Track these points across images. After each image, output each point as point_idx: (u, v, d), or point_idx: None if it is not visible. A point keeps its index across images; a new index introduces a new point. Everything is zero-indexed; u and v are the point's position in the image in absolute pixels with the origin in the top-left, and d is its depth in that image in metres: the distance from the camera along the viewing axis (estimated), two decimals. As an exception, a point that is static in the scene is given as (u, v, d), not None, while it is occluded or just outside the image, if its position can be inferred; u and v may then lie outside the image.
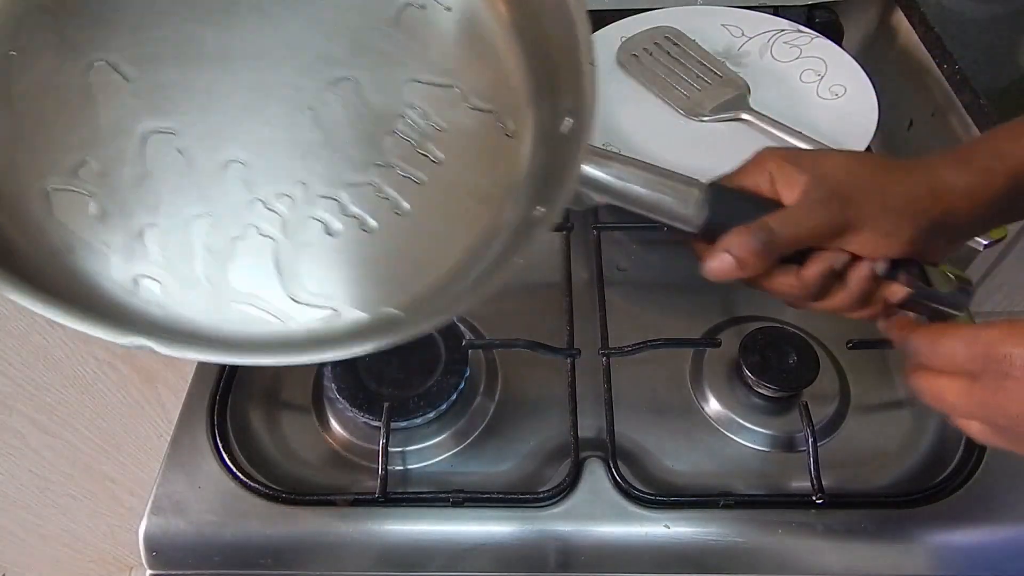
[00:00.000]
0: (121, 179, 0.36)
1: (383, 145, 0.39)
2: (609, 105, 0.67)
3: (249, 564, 0.46)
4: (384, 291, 0.36)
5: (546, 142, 0.39)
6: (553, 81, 0.40)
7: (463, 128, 0.40)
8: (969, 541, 0.45)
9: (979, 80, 0.62)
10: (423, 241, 0.38)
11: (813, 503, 0.45)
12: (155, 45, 0.38)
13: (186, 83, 0.38)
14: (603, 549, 0.46)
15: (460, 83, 0.41)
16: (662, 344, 0.51)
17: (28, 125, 0.35)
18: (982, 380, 0.30)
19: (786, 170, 0.35)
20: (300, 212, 0.37)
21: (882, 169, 0.35)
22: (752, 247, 0.33)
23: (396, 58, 0.41)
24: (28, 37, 0.36)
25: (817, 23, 0.74)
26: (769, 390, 0.49)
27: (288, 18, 0.41)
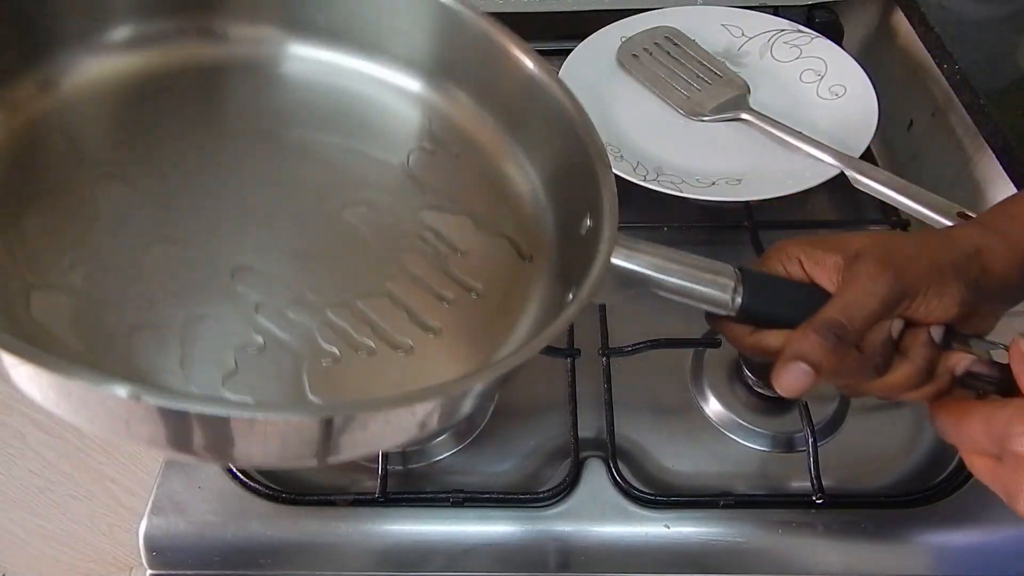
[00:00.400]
0: (112, 281, 0.34)
1: (400, 261, 0.38)
2: (609, 105, 0.67)
3: (249, 564, 0.46)
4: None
5: (568, 245, 0.39)
6: (568, 190, 0.40)
7: (479, 250, 0.40)
8: (969, 541, 0.45)
9: (979, 80, 0.62)
10: (442, 354, 0.37)
11: (813, 503, 0.45)
12: (166, 163, 0.38)
13: (195, 199, 0.38)
14: (603, 549, 0.46)
15: (472, 210, 0.41)
16: (662, 344, 0.51)
17: (21, 232, 0.34)
18: (1004, 461, 0.30)
19: (815, 255, 0.34)
20: (310, 323, 0.35)
21: (913, 238, 0.34)
22: (828, 346, 0.31)
23: (408, 190, 0.41)
24: (43, 151, 0.36)
25: (817, 23, 0.74)
26: (769, 390, 0.49)
27: (299, 152, 0.41)
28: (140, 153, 0.38)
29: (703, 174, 0.60)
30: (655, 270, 0.35)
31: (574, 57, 0.69)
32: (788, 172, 0.59)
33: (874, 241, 0.33)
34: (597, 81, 0.68)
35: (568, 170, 0.40)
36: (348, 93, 0.44)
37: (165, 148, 0.39)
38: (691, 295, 0.35)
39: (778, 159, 0.61)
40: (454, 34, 0.41)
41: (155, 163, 0.38)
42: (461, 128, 0.43)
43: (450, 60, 0.43)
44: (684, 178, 0.59)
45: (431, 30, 0.42)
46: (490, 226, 0.41)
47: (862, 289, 0.32)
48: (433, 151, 0.43)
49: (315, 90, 0.43)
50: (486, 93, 0.43)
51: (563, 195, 0.40)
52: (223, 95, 0.42)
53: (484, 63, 0.41)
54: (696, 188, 0.58)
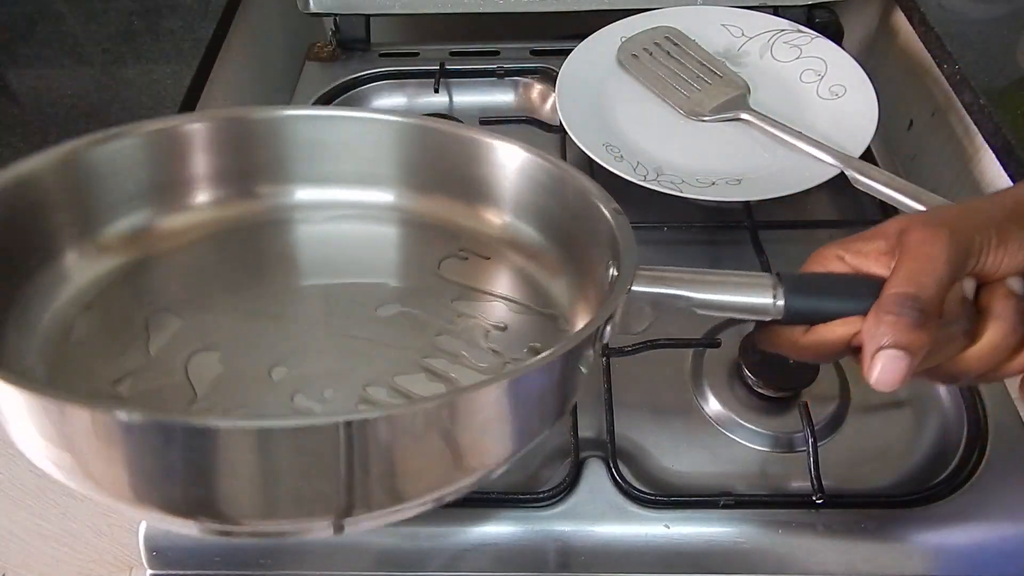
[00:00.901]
0: (155, 386, 0.37)
1: (437, 343, 0.41)
2: (609, 105, 0.67)
3: (249, 564, 0.46)
4: None
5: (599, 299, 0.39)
6: (589, 253, 0.41)
7: (515, 327, 0.42)
8: (969, 541, 0.45)
9: (979, 80, 0.62)
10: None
11: (813, 503, 0.45)
12: (214, 297, 0.43)
13: (236, 317, 0.41)
14: (603, 549, 0.46)
15: (506, 297, 0.44)
16: (662, 344, 0.51)
17: (77, 351, 0.38)
18: None
19: (855, 246, 0.32)
20: (345, 401, 0.37)
21: (957, 205, 0.32)
22: (910, 322, 0.28)
23: (441, 287, 0.44)
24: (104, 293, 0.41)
25: (817, 23, 0.74)
26: (769, 390, 0.49)
27: (331, 272, 0.45)
28: (189, 288, 0.43)
29: (703, 174, 0.60)
30: (688, 290, 0.35)
31: (574, 57, 0.69)
32: (788, 172, 0.59)
33: (913, 216, 0.31)
34: (597, 81, 0.68)
35: (586, 238, 0.41)
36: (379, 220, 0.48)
37: (213, 287, 0.43)
38: (730, 308, 0.34)
39: (778, 159, 0.61)
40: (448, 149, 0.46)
41: (200, 301, 0.42)
42: (487, 234, 0.46)
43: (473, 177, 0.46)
44: (684, 178, 0.59)
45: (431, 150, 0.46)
46: (525, 308, 0.43)
47: (922, 254, 0.29)
48: (465, 257, 0.46)
49: (345, 223, 0.48)
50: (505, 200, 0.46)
51: (589, 261, 0.42)
52: (262, 241, 0.47)
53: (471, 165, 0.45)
54: (696, 188, 0.58)
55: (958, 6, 0.70)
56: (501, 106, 0.76)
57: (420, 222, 0.48)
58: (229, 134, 0.46)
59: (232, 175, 0.47)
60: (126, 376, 0.37)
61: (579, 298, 0.42)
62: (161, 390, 0.37)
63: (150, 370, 0.38)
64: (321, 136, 0.47)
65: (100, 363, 0.38)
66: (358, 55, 0.79)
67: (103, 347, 0.39)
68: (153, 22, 0.73)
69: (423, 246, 0.47)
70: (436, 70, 0.75)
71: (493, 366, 0.40)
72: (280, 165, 0.48)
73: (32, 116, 0.64)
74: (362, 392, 0.37)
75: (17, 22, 0.74)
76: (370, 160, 0.47)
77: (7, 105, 0.65)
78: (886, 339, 0.28)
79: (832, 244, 0.33)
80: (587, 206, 0.40)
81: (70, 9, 0.75)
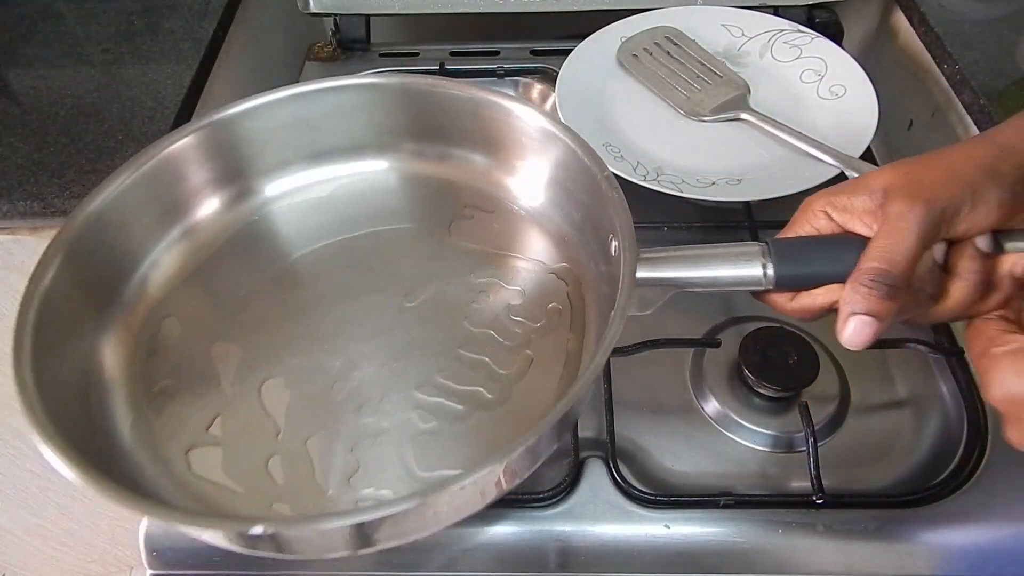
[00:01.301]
0: (244, 424, 0.41)
1: (464, 327, 0.44)
2: (609, 105, 0.67)
3: (249, 564, 0.46)
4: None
5: (606, 267, 0.42)
6: (589, 218, 0.44)
7: (532, 290, 0.46)
8: (969, 541, 0.45)
9: (979, 80, 0.62)
10: (526, 394, 0.42)
11: (813, 503, 0.45)
12: (255, 314, 0.46)
13: (287, 337, 0.45)
14: (603, 549, 0.46)
15: (517, 253, 0.47)
16: (662, 344, 0.51)
17: (165, 403, 0.42)
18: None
19: (840, 201, 0.34)
20: (403, 409, 0.41)
21: (932, 156, 0.33)
22: (881, 294, 0.31)
23: (455, 261, 0.47)
24: (160, 340, 0.44)
25: (817, 23, 0.74)
26: (769, 390, 0.49)
27: (357, 261, 0.48)
28: (234, 313, 0.46)
29: (703, 174, 0.60)
30: (684, 270, 0.37)
31: (574, 57, 0.69)
32: (788, 172, 0.59)
33: (898, 173, 0.32)
34: (597, 81, 0.68)
35: (584, 200, 0.44)
36: (382, 191, 0.50)
37: (250, 301, 0.46)
38: (724, 283, 0.36)
39: (778, 159, 0.61)
40: (459, 109, 0.47)
41: (247, 318, 0.46)
42: (486, 189, 0.49)
43: (461, 131, 0.48)
44: (684, 178, 0.59)
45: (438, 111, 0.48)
46: (535, 266, 0.47)
47: (897, 229, 0.31)
48: (471, 216, 0.49)
49: (350, 199, 0.50)
50: (498, 152, 0.48)
51: (587, 225, 0.45)
52: (276, 237, 0.49)
53: (493, 127, 0.47)
54: (696, 188, 0.58)
55: (958, 6, 0.70)
56: (501, 106, 0.76)
57: (420, 184, 0.50)
58: (213, 139, 0.47)
59: (228, 178, 0.48)
60: (214, 419, 0.41)
61: (583, 260, 0.46)
62: (248, 427, 0.41)
63: (230, 407, 0.42)
64: (304, 114, 0.48)
65: (187, 410, 0.41)
66: (358, 55, 0.79)
67: (182, 391, 0.42)
68: (153, 22, 0.73)
69: (431, 211, 0.49)
70: (436, 70, 0.75)
71: (521, 339, 0.44)
72: (271, 153, 0.49)
73: (32, 116, 0.64)
74: (415, 397, 0.42)
75: (17, 22, 0.74)
76: (353, 128, 0.49)
77: (7, 105, 0.65)
78: (859, 307, 0.31)
79: (819, 195, 0.35)
80: (592, 182, 0.42)
81: (70, 9, 0.75)
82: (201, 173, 0.47)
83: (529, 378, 0.42)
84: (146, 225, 0.46)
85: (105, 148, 0.61)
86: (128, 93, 0.66)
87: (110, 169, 0.58)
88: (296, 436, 0.41)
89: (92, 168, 0.59)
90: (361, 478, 0.39)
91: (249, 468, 0.39)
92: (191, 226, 0.48)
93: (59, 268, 0.39)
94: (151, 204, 0.46)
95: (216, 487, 0.39)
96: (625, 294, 0.35)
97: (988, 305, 0.33)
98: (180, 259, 0.47)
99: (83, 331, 0.42)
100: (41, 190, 0.58)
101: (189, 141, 0.46)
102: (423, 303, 0.46)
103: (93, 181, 0.58)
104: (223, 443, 0.40)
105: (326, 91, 0.48)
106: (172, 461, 0.39)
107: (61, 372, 0.38)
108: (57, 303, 0.39)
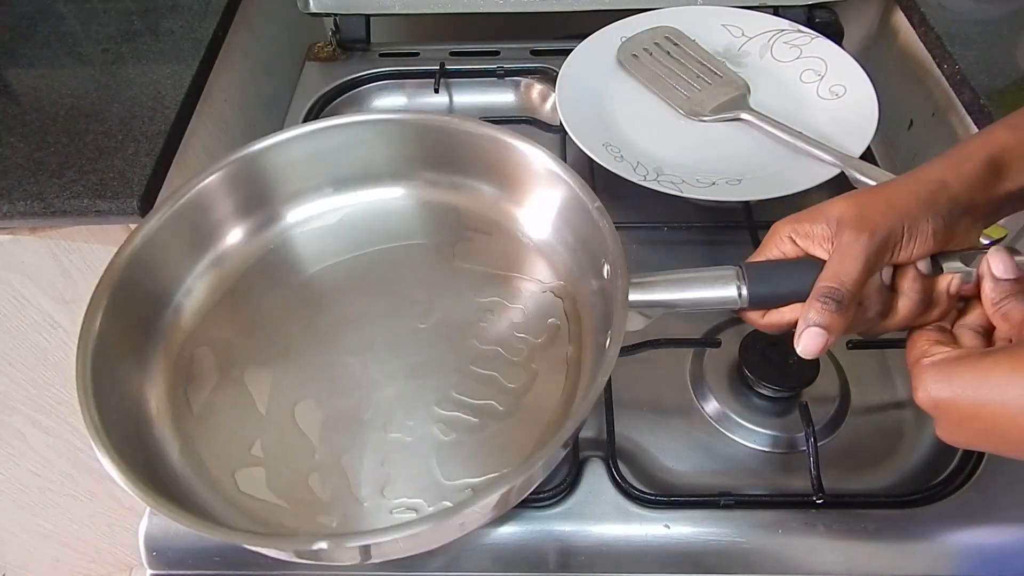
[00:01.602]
0: (282, 445, 0.45)
1: (473, 345, 0.48)
2: (609, 105, 0.67)
3: (249, 564, 0.46)
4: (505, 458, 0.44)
5: (599, 286, 0.46)
6: (585, 246, 0.48)
7: (533, 308, 0.50)
8: (969, 541, 0.45)
9: (979, 80, 0.62)
10: (534, 403, 0.46)
11: (813, 503, 0.45)
12: (280, 339, 0.49)
13: (312, 360, 0.48)
14: (603, 549, 0.46)
15: (517, 272, 0.51)
16: (662, 344, 0.51)
17: (207, 428, 0.45)
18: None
19: (802, 228, 0.38)
20: (425, 424, 0.45)
21: (881, 190, 0.38)
22: (832, 309, 0.36)
23: (462, 282, 0.51)
24: (195, 368, 0.47)
25: (817, 23, 0.74)
26: (769, 390, 0.49)
27: (371, 283, 0.51)
28: (262, 339, 0.49)
29: (703, 174, 0.60)
30: (670, 293, 0.41)
31: (574, 57, 0.69)
32: (788, 172, 0.59)
33: (850, 204, 0.37)
34: (597, 81, 0.68)
35: (579, 226, 0.48)
36: (396, 215, 0.54)
37: (276, 328, 0.49)
38: (705, 304, 0.40)
39: (778, 159, 0.61)
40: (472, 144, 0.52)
41: (274, 343, 0.49)
42: (490, 216, 0.53)
43: (472, 164, 0.53)
44: (684, 178, 0.59)
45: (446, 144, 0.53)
46: (534, 285, 0.51)
47: (846, 255, 0.36)
48: (471, 238, 0.53)
49: (366, 223, 0.54)
50: (501, 181, 0.53)
51: (580, 247, 0.49)
52: (297, 261, 0.53)
53: (500, 161, 0.51)
54: (696, 188, 0.58)
55: (958, 6, 0.70)
56: (501, 106, 0.76)
57: (431, 209, 0.54)
58: (240, 173, 0.50)
59: (253, 207, 0.52)
60: (255, 440, 0.44)
61: (578, 279, 0.49)
62: (286, 447, 0.44)
63: (268, 429, 0.45)
64: (325, 147, 0.52)
65: (228, 434, 0.45)
66: (358, 55, 0.79)
67: (222, 416, 0.45)
68: (153, 22, 0.73)
69: (436, 234, 0.53)
70: (436, 70, 0.75)
71: (526, 354, 0.48)
72: (293, 183, 0.53)
73: (32, 116, 0.64)
74: (435, 412, 0.46)
75: (17, 22, 0.74)
76: (372, 159, 0.53)
77: (7, 105, 0.65)
78: (812, 320, 0.36)
79: (785, 222, 0.40)
80: (584, 211, 0.46)
81: (70, 9, 0.75)
82: (228, 204, 0.51)
83: (536, 389, 0.46)
84: (179, 258, 0.49)
85: (105, 148, 0.61)
86: (128, 93, 0.66)
87: (110, 169, 0.59)
88: (331, 453, 0.44)
89: (92, 168, 0.59)
90: (392, 489, 0.43)
91: (291, 485, 0.43)
92: (219, 254, 0.51)
93: (105, 312, 0.42)
94: (183, 237, 0.49)
95: (263, 504, 0.42)
96: (620, 317, 0.39)
97: (929, 318, 0.38)
98: (210, 287, 0.50)
99: (129, 367, 0.45)
100: (41, 190, 0.58)
101: (217, 177, 0.49)
102: (435, 324, 0.49)
103: (93, 181, 0.58)
104: (265, 463, 0.44)
105: (348, 126, 0.52)
106: (221, 482, 0.43)
107: (116, 410, 0.41)
108: (106, 345, 0.42)
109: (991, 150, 0.38)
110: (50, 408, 0.77)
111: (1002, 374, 0.31)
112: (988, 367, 0.31)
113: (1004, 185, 0.38)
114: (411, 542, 0.38)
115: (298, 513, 0.42)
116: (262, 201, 0.52)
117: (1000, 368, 0.31)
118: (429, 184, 0.54)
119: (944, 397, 0.33)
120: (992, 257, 0.36)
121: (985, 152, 0.38)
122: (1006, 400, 0.30)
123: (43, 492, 0.90)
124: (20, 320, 0.67)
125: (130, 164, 0.59)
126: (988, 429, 0.31)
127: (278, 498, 0.42)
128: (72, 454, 0.84)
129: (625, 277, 0.41)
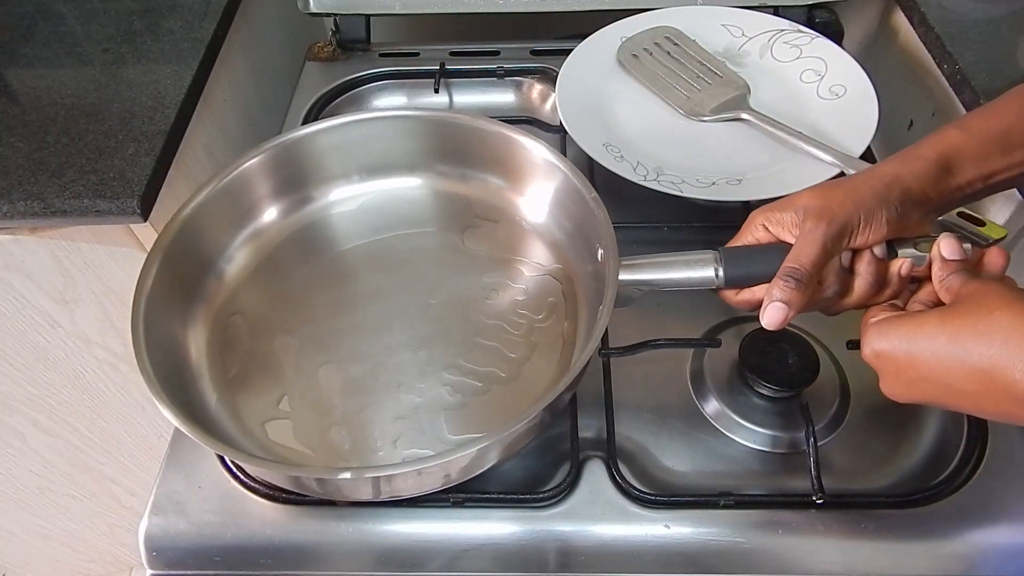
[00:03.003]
0: (307, 401, 0.49)
1: (479, 320, 0.53)
2: (609, 105, 0.67)
3: (249, 564, 0.46)
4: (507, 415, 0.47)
5: (594, 269, 0.49)
6: (581, 232, 0.52)
7: (534, 288, 0.54)
8: (969, 541, 0.45)
9: (979, 80, 0.62)
10: (533, 372, 0.50)
11: (813, 503, 0.45)
12: (307, 310, 0.54)
13: (335, 329, 0.53)
14: (603, 549, 0.46)
15: (521, 257, 0.56)
16: (662, 344, 0.51)
17: (240, 386, 0.50)
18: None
19: (773, 217, 0.43)
20: (434, 386, 0.50)
21: (842, 183, 0.42)
22: (792, 287, 0.40)
23: (469, 264, 0.56)
24: (230, 334, 0.52)
25: (817, 23, 0.74)
26: (769, 390, 0.49)
27: (388, 263, 0.57)
28: (290, 309, 0.54)
29: (703, 174, 0.60)
30: (655, 274, 0.44)
31: (574, 57, 0.69)
32: (788, 172, 0.59)
33: (814, 195, 0.42)
34: (597, 81, 0.68)
35: (576, 214, 0.52)
36: (413, 202, 0.60)
37: (303, 299, 0.55)
38: (686, 283, 0.44)
39: (778, 159, 0.61)
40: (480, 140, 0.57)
41: (301, 313, 0.54)
42: (494, 203, 0.58)
43: (480, 157, 0.58)
44: (684, 178, 0.59)
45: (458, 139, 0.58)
46: (535, 268, 0.55)
47: (807, 241, 0.40)
48: (479, 225, 0.58)
49: (386, 208, 0.59)
50: (507, 173, 0.58)
51: (577, 233, 0.53)
52: (322, 241, 0.58)
53: (506, 155, 0.56)
54: (696, 188, 0.58)
55: (958, 6, 0.70)
56: (501, 106, 0.76)
57: (444, 198, 0.60)
58: (279, 158, 0.56)
59: (288, 189, 0.57)
60: (283, 396, 0.50)
61: (574, 262, 0.54)
62: (311, 403, 0.49)
63: (295, 387, 0.50)
64: (353, 138, 0.58)
65: (258, 391, 0.50)
66: (358, 55, 0.79)
67: (253, 376, 0.50)
68: (153, 22, 0.73)
69: (448, 220, 0.59)
70: (436, 70, 0.75)
71: (526, 329, 0.52)
72: (325, 169, 0.58)
73: (32, 116, 0.64)
74: (443, 377, 0.50)
75: (17, 22, 0.74)
76: (394, 151, 0.59)
77: (7, 105, 0.65)
78: (775, 295, 0.40)
79: (759, 212, 0.44)
80: (580, 198, 0.51)
81: (70, 9, 0.75)
82: (266, 185, 0.56)
83: (534, 360, 0.51)
84: (223, 227, 0.55)
85: (105, 148, 0.61)
86: (128, 93, 0.66)
87: (110, 169, 0.59)
88: (350, 410, 0.49)
89: (92, 168, 0.59)
90: (404, 441, 0.47)
91: (315, 436, 0.48)
92: (257, 228, 0.57)
93: (159, 267, 0.48)
94: (227, 210, 0.55)
95: (292, 451, 0.47)
96: (610, 293, 0.44)
97: (883, 297, 0.42)
98: (248, 256, 0.56)
99: (175, 323, 0.50)
100: (41, 190, 0.58)
101: (258, 159, 0.55)
102: (444, 300, 0.54)
103: (93, 181, 0.58)
104: (292, 416, 0.49)
105: (373, 120, 0.58)
106: (253, 431, 0.48)
107: (164, 358, 0.45)
108: (157, 298, 0.47)
109: (943, 149, 0.42)
110: (50, 408, 0.77)
111: (933, 326, 0.35)
112: (920, 321, 0.36)
113: (954, 180, 0.42)
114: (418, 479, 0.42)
115: (323, 460, 0.46)
116: (297, 184, 0.58)
117: (931, 322, 0.36)
118: (442, 175, 0.60)
119: (883, 349, 0.37)
120: (943, 241, 0.40)
121: (937, 151, 0.42)
122: (936, 348, 0.35)
123: (43, 492, 0.90)
124: (20, 320, 0.67)
125: (130, 164, 0.59)
126: (921, 376, 0.36)
127: (303, 447, 0.47)
128: (72, 454, 0.84)
129: (616, 259, 0.45)
